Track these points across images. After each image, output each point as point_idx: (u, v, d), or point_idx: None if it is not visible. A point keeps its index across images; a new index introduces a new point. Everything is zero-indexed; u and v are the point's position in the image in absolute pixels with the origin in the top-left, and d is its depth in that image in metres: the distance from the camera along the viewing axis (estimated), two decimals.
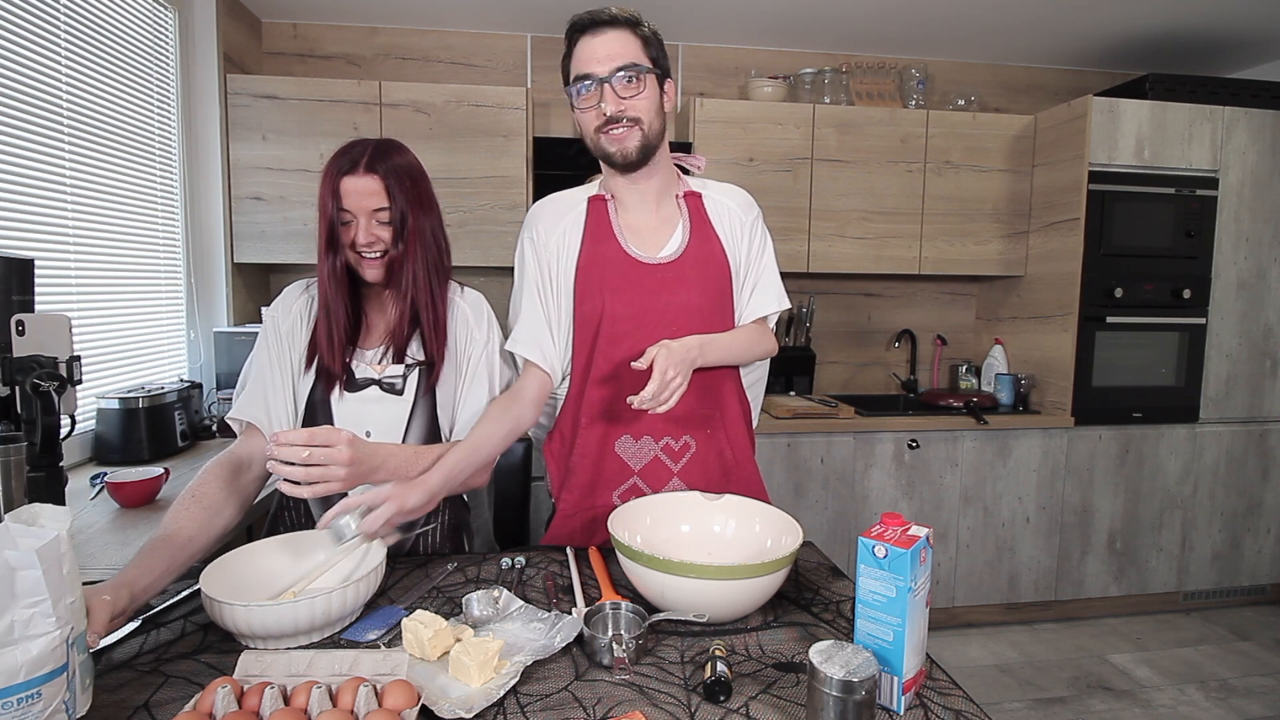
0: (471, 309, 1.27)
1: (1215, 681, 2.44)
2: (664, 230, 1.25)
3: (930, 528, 0.80)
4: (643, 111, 1.15)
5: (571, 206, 1.27)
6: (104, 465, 1.85)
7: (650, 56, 1.16)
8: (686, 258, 1.23)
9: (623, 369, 1.20)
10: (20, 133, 1.65)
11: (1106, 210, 2.69)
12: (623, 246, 1.23)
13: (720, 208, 1.29)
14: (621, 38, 1.13)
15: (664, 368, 1.05)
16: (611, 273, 1.21)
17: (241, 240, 2.47)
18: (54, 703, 0.65)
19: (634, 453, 1.25)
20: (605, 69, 1.12)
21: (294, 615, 0.83)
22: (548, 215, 1.27)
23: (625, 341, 1.21)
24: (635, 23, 1.15)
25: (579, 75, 1.15)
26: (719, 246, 1.25)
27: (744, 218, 1.29)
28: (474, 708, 0.73)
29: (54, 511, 0.71)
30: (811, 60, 3.10)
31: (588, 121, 1.17)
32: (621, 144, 1.16)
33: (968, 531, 2.76)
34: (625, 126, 1.15)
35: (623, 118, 1.14)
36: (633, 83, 1.14)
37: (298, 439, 0.95)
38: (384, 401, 1.20)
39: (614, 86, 1.13)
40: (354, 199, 1.12)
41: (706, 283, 1.24)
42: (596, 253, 1.22)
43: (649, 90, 1.16)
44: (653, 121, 1.17)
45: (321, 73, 2.82)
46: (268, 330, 1.22)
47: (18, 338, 1.26)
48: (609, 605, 0.93)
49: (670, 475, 1.26)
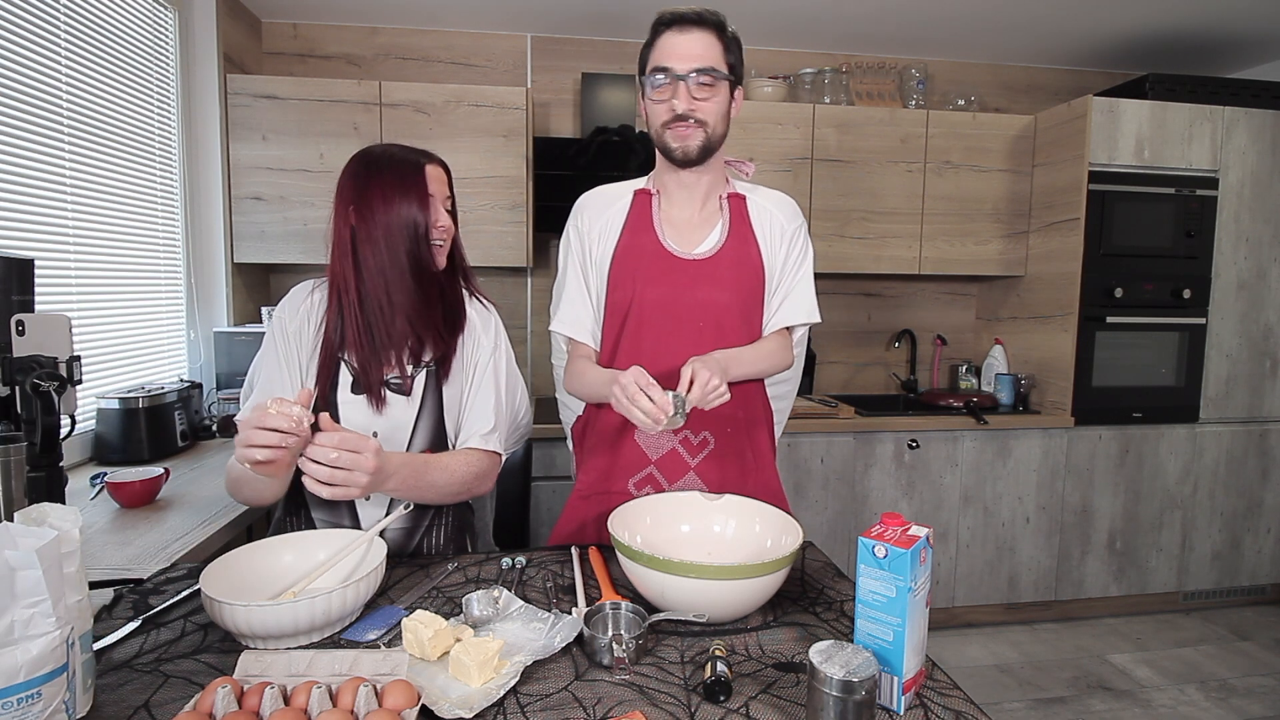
0: (479, 316, 1.29)
1: (1215, 681, 2.44)
2: (704, 227, 1.27)
3: (930, 528, 0.80)
4: (710, 115, 1.18)
5: (617, 198, 1.30)
6: (104, 465, 1.85)
7: (729, 62, 1.18)
8: (722, 256, 1.25)
9: (647, 358, 1.22)
10: (20, 133, 1.65)
11: (1106, 210, 2.69)
12: (660, 239, 1.25)
13: (763, 213, 1.30)
14: (706, 39, 1.16)
15: (706, 377, 1.06)
16: (645, 264, 1.23)
17: (241, 240, 2.47)
18: (54, 703, 0.65)
19: (652, 442, 1.27)
20: (685, 67, 1.15)
21: (294, 615, 0.83)
22: (594, 204, 1.31)
23: (651, 331, 1.23)
24: (721, 26, 1.18)
25: (658, 67, 1.17)
26: (756, 249, 1.27)
27: (786, 226, 1.30)
28: (474, 707, 0.73)
29: (63, 512, 0.71)
30: (811, 60, 3.10)
31: (657, 113, 1.20)
32: (685, 142, 1.18)
33: (968, 531, 2.76)
34: (692, 126, 1.17)
35: (691, 117, 1.16)
36: (707, 86, 1.16)
37: (330, 440, 0.96)
38: (392, 403, 1.20)
39: (689, 86, 1.15)
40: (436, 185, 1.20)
41: (738, 283, 1.25)
42: (634, 243, 1.25)
43: (721, 95, 1.18)
44: (718, 125, 1.20)
45: (321, 73, 2.82)
46: (275, 331, 1.22)
47: (18, 338, 1.26)
48: (609, 605, 0.93)
49: (687, 469, 1.27)
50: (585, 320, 1.29)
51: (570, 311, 1.30)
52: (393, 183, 1.15)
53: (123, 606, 1.00)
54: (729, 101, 1.21)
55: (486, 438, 1.22)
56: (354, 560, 1.01)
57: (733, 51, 1.19)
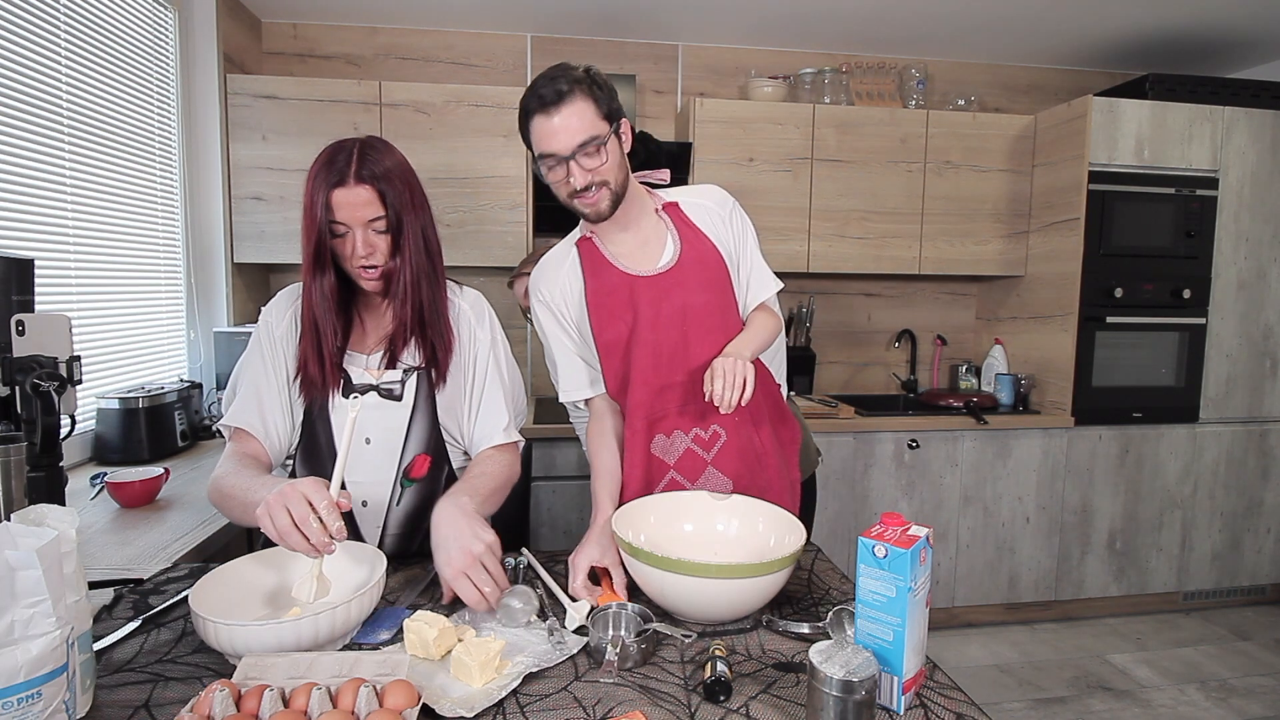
0: (472, 308, 1.27)
1: (1215, 681, 2.44)
2: (654, 245, 1.29)
3: (930, 528, 0.80)
4: (609, 174, 1.17)
5: (564, 257, 1.32)
6: (104, 465, 1.85)
7: (604, 115, 1.15)
8: (683, 263, 1.27)
9: (649, 377, 1.25)
10: (20, 133, 1.65)
11: (1106, 210, 2.69)
12: (621, 269, 1.27)
13: (699, 209, 1.32)
14: (577, 110, 1.11)
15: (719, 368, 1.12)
16: (618, 296, 1.26)
17: (241, 240, 2.47)
18: (54, 703, 0.65)
19: (667, 449, 1.28)
20: (567, 148, 1.13)
21: (278, 637, 0.80)
22: (546, 274, 1.33)
23: (651, 351, 1.25)
24: (586, 84, 1.13)
25: (542, 154, 1.16)
26: (710, 245, 1.29)
27: (720, 212, 1.33)
28: (475, 707, 0.73)
29: (61, 512, 0.71)
30: (811, 60, 3.10)
31: (559, 190, 1.20)
32: (595, 206, 1.19)
33: (968, 531, 2.76)
34: (595, 190, 1.17)
35: (591, 185, 1.16)
36: (593, 154, 1.14)
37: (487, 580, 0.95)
38: (383, 408, 1.19)
39: (579, 162, 1.14)
40: (347, 211, 1.08)
41: (707, 281, 1.27)
42: (600, 285, 1.27)
43: (611, 150, 1.16)
44: (619, 177, 1.19)
45: (321, 73, 2.82)
46: (261, 335, 1.21)
47: (18, 338, 1.27)
48: (614, 606, 0.93)
49: (705, 465, 1.28)
50: (583, 382, 1.33)
51: (569, 379, 1.34)
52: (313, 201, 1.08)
53: (123, 606, 1.00)
54: (620, 146, 1.19)
55: (506, 431, 1.25)
56: (362, 572, 0.99)
57: (604, 100, 1.15)
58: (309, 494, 0.89)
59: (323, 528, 0.89)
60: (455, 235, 2.56)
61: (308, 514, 0.88)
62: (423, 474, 1.22)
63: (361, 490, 1.19)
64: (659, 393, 1.25)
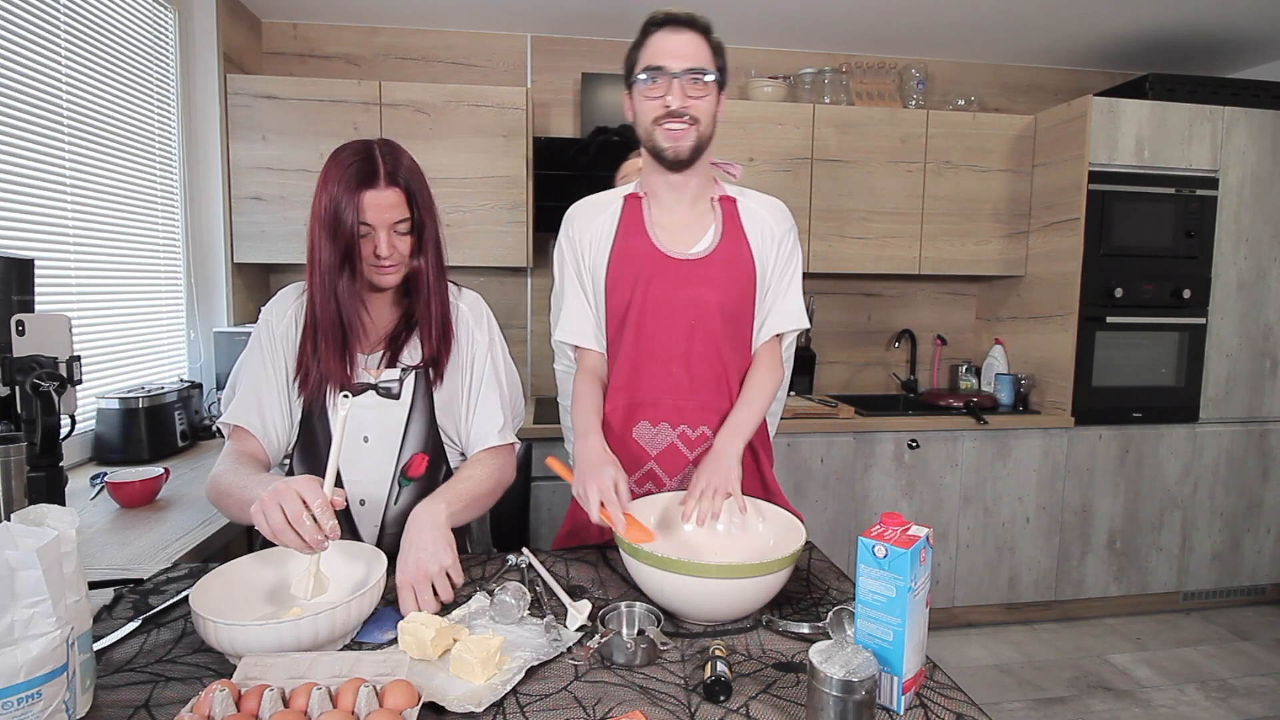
0: (470, 310, 1.27)
1: (1215, 681, 2.44)
2: (696, 229, 1.29)
3: (930, 528, 0.80)
4: (702, 114, 1.20)
5: (607, 204, 1.32)
6: (104, 465, 1.85)
7: (717, 65, 1.21)
8: (715, 256, 1.26)
9: (643, 360, 1.25)
10: (20, 133, 1.65)
11: (1106, 210, 2.69)
12: (653, 241, 1.26)
13: (754, 216, 1.31)
14: (696, 41, 1.18)
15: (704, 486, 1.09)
16: (641, 266, 1.25)
17: (241, 240, 2.47)
18: (54, 703, 0.65)
19: (651, 438, 1.28)
20: (678, 66, 1.17)
21: (278, 637, 0.80)
22: (583, 212, 1.33)
23: (646, 332, 1.25)
24: (709, 30, 1.21)
25: (650, 66, 1.18)
26: (748, 251, 1.28)
27: (776, 230, 1.31)
28: (482, 702, 0.73)
29: (61, 512, 0.71)
30: (811, 60, 3.10)
31: (649, 110, 1.21)
32: (677, 141, 1.20)
33: (968, 531, 2.76)
34: (685, 124, 1.19)
35: (685, 114, 1.18)
36: (700, 85, 1.18)
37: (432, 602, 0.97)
38: (381, 407, 1.19)
39: (683, 84, 1.17)
40: (375, 212, 1.09)
41: (732, 283, 1.26)
42: (628, 247, 1.27)
43: (711, 95, 1.21)
44: (708, 125, 1.22)
45: (321, 73, 2.82)
46: (261, 334, 1.21)
47: (18, 338, 1.27)
48: (624, 605, 0.93)
49: (686, 463, 1.28)
50: (588, 327, 1.31)
51: (572, 320, 1.31)
52: (343, 202, 1.08)
53: (123, 606, 1.00)
54: (717, 103, 1.23)
55: (501, 433, 1.24)
56: (362, 571, 0.99)
57: (720, 55, 1.22)
58: (303, 492, 0.90)
59: (316, 526, 0.89)
60: (455, 235, 2.56)
61: (301, 512, 0.88)
62: (420, 473, 1.22)
63: (359, 489, 1.19)
64: (648, 375, 1.25)
